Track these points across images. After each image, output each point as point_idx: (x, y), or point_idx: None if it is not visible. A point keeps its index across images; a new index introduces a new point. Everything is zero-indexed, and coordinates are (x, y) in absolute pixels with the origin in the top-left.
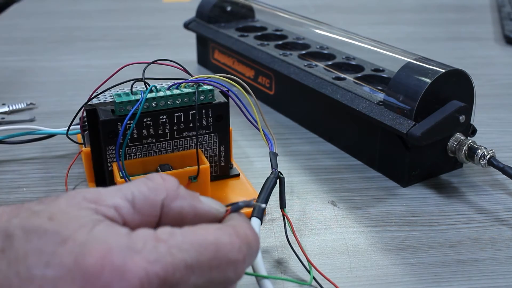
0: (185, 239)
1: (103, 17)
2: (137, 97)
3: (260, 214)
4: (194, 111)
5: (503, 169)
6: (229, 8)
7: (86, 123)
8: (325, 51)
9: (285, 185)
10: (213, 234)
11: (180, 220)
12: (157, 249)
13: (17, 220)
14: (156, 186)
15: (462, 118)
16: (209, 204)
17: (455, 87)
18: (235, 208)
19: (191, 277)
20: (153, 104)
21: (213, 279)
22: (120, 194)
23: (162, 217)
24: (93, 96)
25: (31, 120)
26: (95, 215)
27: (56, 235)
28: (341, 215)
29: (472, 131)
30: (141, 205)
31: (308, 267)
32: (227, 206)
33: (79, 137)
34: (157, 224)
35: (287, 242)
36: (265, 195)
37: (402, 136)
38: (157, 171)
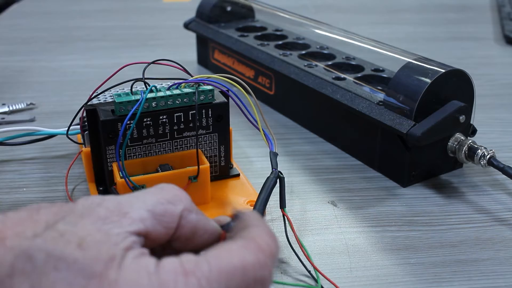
0: (212, 268)
1: (103, 17)
2: (137, 97)
3: (260, 213)
4: (194, 111)
5: (503, 169)
6: (229, 8)
7: (86, 123)
8: (325, 51)
9: (285, 185)
10: (237, 256)
11: (193, 234)
12: (188, 286)
13: (40, 240)
14: (173, 197)
15: (462, 118)
16: (213, 222)
17: (455, 87)
18: (227, 228)
19: None
20: (153, 104)
21: None
22: (142, 205)
23: (177, 229)
24: (93, 96)
25: (31, 120)
26: (122, 238)
27: (86, 268)
28: (341, 215)
29: (472, 131)
30: (162, 216)
31: (309, 269)
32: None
33: (79, 137)
34: (172, 236)
35: (287, 242)
36: (264, 195)
37: (402, 136)
38: (157, 171)
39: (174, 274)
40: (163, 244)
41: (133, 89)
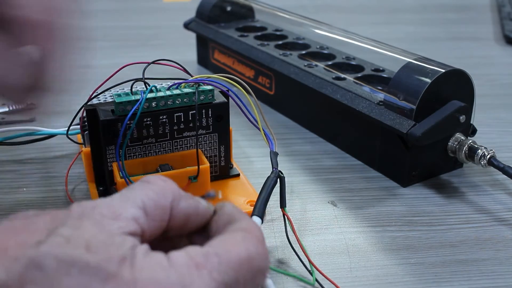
0: (221, 260)
1: (103, 17)
2: (137, 97)
3: (261, 213)
4: (194, 111)
5: (503, 169)
6: (229, 8)
7: (86, 123)
8: (325, 51)
9: (286, 184)
10: (244, 248)
11: (186, 221)
12: (202, 279)
13: (47, 247)
14: (161, 190)
15: (462, 118)
16: (203, 202)
17: (455, 87)
18: (207, 196)
19: None
20: (153, 104)
21: None
22: (132, 204)
23: (170, 220)
24: (93, 96)
25: (31, 120)
26: (124, 238)
27: (100, 271)
28: (341, 215)
29: (472, 131)
30: (153, 211)
31: (310, 269)
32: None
33: (79, 137)
34: (166, 227)
35: (287, 241)
36: (265, 194)
37: (402, 136)
38: (157, 171)
39: (187, 267)
40: (158, 236)
41: (133, 89)
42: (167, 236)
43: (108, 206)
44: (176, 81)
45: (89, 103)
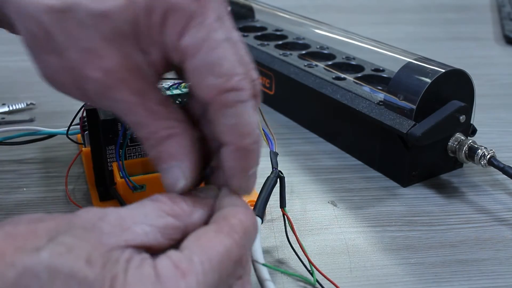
0: (202, 261)
1: None
2: None
3: (261, 213)
4: None
5: (503, 169)
6: (229, 8)
7: (86, 123)
8: (325, 51)
9: (285, 184)
10: (218, 243)
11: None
12: (188, 285)
13: (45, 255)
14: (173, 211)
15: (462, 118)
16: (207, 200)
17: (455, 87)
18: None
19: None
20: None
21: (228, 282)
22: (144, 219)
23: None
24: None
25: (31, 120)
26: (123, 251)
27: (96, 286)
28: (341, 215)
29: (472, 131)
30: (165, 229)
31: (310, 269)
32: None
33: (79, 137)
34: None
35: (287, 241)
36: (265, 194)
37: (402, 136)
38: (157, 171)
39: (174, 279)
40: None
41: None
42: None
43: (118, 217)
44: (176, 81)
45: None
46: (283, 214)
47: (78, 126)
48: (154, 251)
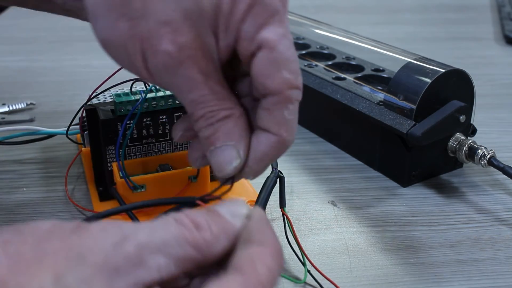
0: None
1: None
2: (137, 97)
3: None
4: None
5: (503, 169)
6: None
7: (86, 123)
8: (325, 51)
9: (285, 184)
10: None
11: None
12: None
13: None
14: (196, 242)
15: (462, 118)
16: (235, 220)
17: (455, 87)
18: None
19: None
20: (153, 104)
21: None
22: (162, 248)
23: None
24: (93, 96)
25: (30, 120)
26: None
27: None
28: (341, 215)
29: (472, 131)
30: (181, 262)
31: (302, 260)
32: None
33: (79, 137)
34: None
35: (287, 242)
36: (264, 195)
37: (402, 136)
38: (157, 171)
39: None
40: None
41: (133, 89)
42: None
43: (137, 246)
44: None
45: (89, 103)
46: (283, 214)
47: (78, 126)
48: (167, 282)
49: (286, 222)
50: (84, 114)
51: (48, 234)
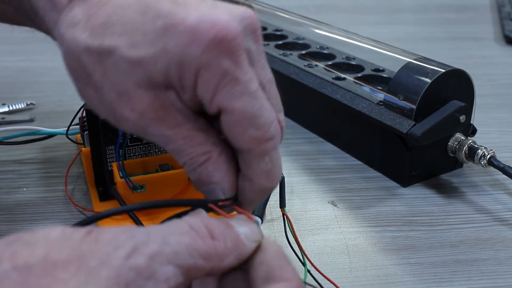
0: None
1: None
2: None
3: (261, 213)
4: None
5: (503, 169)
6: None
7: (86, 123)
8: (325, 51)
9: (285, 184)
10: None
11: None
12: None
13: None
14: (206, 251)
15: (462, 118)
16: (248, 239)
17: (455, 87)
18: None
19: None
20: None
21: None
22: (172, 258)
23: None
24: None
25: (30, 120)
26: None
27: None
28: (341, 215)
29: (472, 131)
30: (189, 272)
31: (302, 260)
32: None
33: (78, 137)
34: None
35: (287, 242)
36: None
37: (402, 136)
38: (157, 171)
39: None
40: None
41: None
42: None
43: (148, 258)
44: None
45: None
46: (283, 214)
47: (78, 126)
48: None
49: (286, 222)
50: (84, 114)
51: (57, 243)
